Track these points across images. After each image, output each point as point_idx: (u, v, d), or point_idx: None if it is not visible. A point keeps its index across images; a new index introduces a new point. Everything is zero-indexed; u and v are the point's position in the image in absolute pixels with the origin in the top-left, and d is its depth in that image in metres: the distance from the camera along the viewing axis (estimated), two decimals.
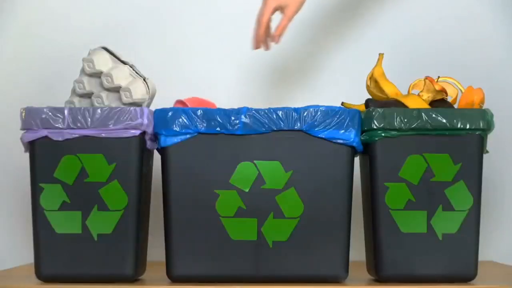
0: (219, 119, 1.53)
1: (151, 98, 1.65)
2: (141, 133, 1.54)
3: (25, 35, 2.08)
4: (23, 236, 1.99)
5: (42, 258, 1.53)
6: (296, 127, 1.53)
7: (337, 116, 1.53)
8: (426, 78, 1.64)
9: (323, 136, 1.53)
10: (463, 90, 1.66)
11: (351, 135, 1.53)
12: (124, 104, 1.61)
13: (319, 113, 1.53)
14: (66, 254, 1.53)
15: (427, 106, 1.60)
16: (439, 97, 1.63)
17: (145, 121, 1.53)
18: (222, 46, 2.08)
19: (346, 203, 1.54)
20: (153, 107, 1.60)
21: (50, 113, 1.53)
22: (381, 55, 1.72)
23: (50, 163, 1.54)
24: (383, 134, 1.54)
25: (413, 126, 1.53)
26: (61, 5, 2.09)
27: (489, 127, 1.54)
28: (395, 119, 1.53)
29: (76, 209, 1.53)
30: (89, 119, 1.53)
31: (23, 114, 1.54)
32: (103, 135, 1.53)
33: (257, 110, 1.53)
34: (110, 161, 1.53)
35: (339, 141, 1.53)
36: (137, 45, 2.04)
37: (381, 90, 1.68)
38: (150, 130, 1.55)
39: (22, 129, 1.55)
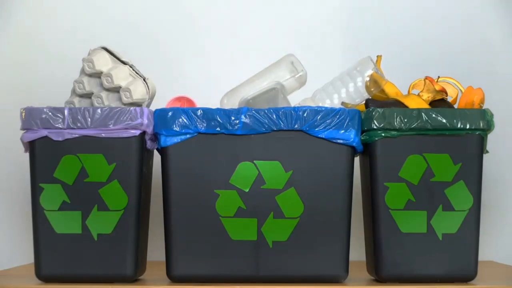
0: (219, 119, 1.53)
1: (151, 98, 1.65)
2: (141, 133, 1.54)
3: (24, 35, 2.08)
4: (23, 236, 1.99)
5: (42, 258, 1.53)
6: (296, 127, 1.53)
7: (337, 116, 1.53)
8: (426, 78, 1.64)
9: (323, 136, 1.53)
10: (463, 90, 1.66)
11: (351, 135, 1.53)
12: (124, 104, 1.61)
13: (319, 113, 1.53)
14: (66, 254, 1.53)
15: (427, 106, 1.60)
16: (439, 97, 1.63)
17: (145, 121, 1.53)
18: (223, 47, 2.08)
19: (346, 203, 1.54)
20: (153, 107, 1.60)
21: (50, 113, 1.53)
22: (379, 57, 1.72)
23: (50, 163, 1.53)
24: (383, 134, 1.54)
25: (413, 126, 1.53)
26: (61, 5, 2.09)
27: (489, 127, 1.54)
28: (395, 119, 1.53)
29: (76, 209, 1.53)
30: (89, 119, 1.53)
31: (23, 114, 1.54)
32: (103, 135, 1.53)
33: (257, 110, 1.53)
34: (110, 161, 1.53)
35: (339, 141, 1.53)
36: (138, 45, 2.04)
37: (381, 90, 1.68)
38: (150, 130, 1.55)
39: (22, 129, 1.55)
